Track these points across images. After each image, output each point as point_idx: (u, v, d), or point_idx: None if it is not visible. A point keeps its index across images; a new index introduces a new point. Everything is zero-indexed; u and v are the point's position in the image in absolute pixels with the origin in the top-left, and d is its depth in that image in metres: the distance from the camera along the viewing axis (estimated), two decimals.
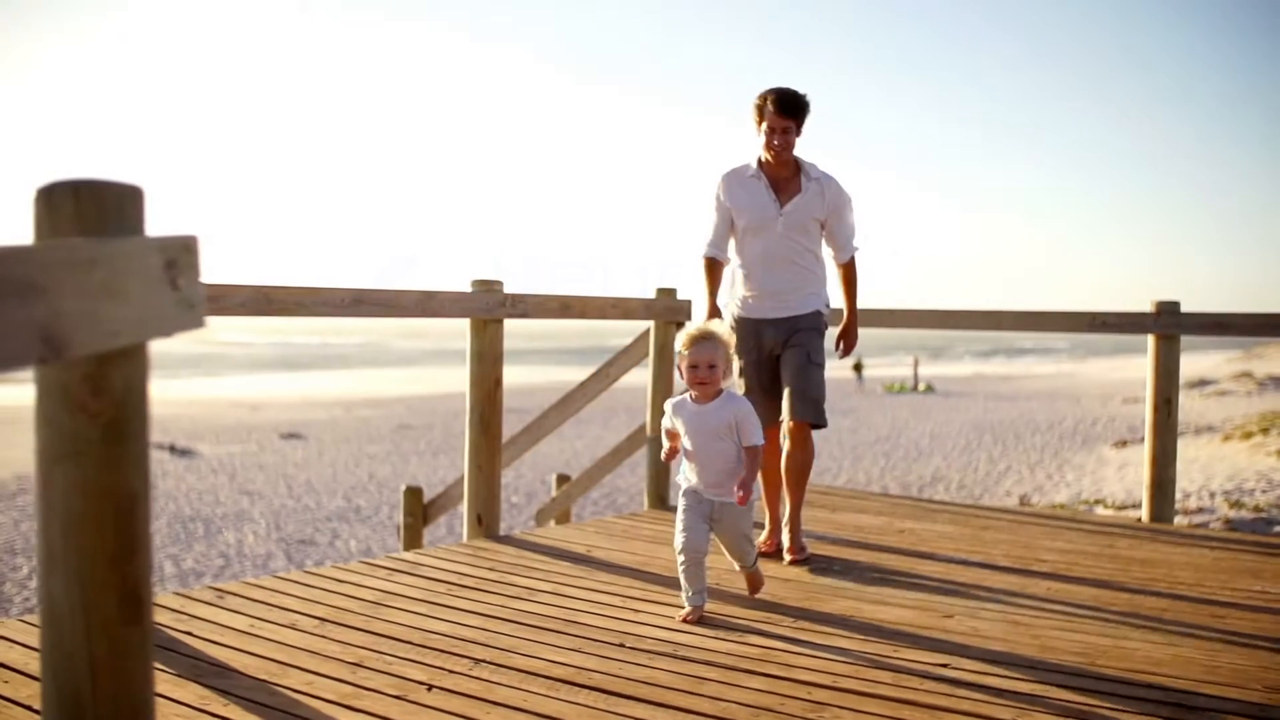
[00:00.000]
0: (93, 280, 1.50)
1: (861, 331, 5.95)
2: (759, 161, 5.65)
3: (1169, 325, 6.98)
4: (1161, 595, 4.95)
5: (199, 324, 1.78)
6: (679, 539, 4.55)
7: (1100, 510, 13.09)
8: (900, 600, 4.81)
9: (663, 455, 4.74)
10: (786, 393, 5.56)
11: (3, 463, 19.38)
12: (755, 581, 4.84)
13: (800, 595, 4.90)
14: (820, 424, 5.57)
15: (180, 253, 1.72)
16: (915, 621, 4.45)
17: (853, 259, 5.82)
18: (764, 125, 5.52)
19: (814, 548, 5.86)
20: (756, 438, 4.55)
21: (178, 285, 1.71)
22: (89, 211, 1.60)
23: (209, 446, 22.62)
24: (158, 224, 1.74)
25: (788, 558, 5.55)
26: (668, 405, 4.71)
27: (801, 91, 5.53)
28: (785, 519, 5.67)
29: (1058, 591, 4.99)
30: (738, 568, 4.83)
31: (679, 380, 4.82)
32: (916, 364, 45.56)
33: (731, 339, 4.66)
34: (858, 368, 43.96)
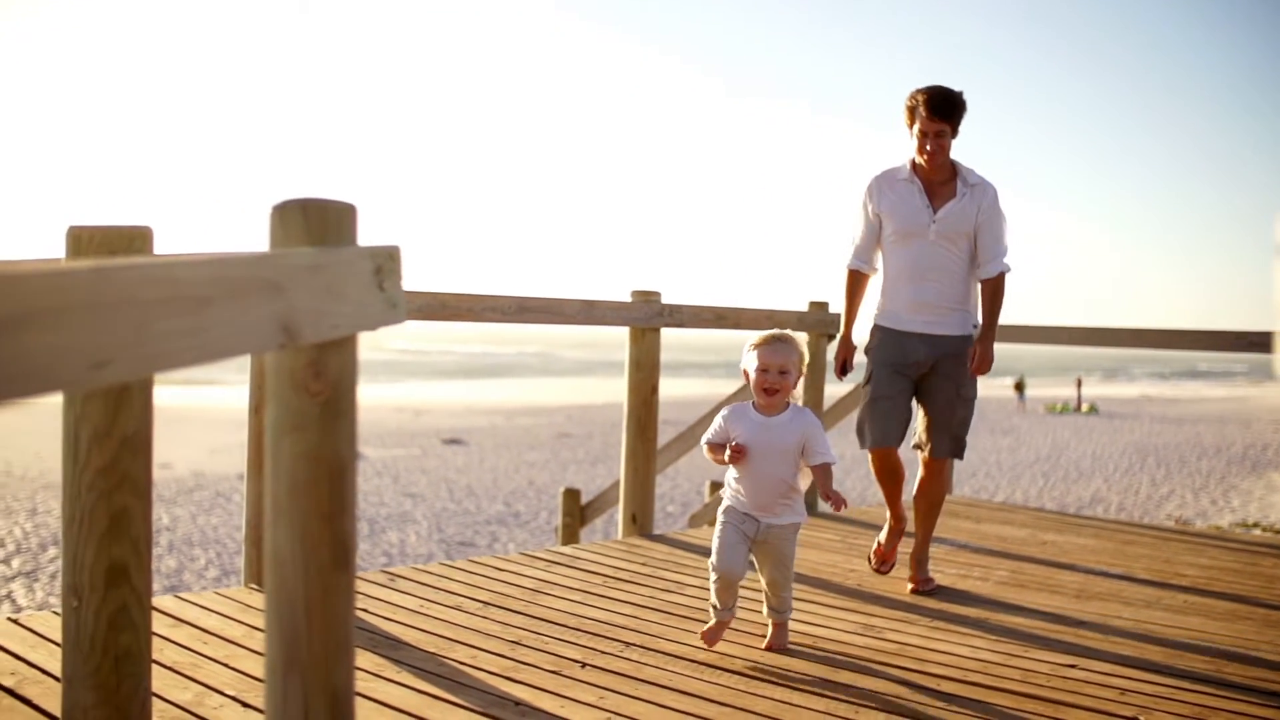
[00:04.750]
0: (319, 282, 1.83)
1: (1022, 350, 5.84)
2: (912, 164, 5.20)
3: None
4: None
5: (400, 320, 2.11)
6: (715, 557, 4.13)
7: (1256, 533, 12.83)
8: (1035, 605, 4.96)
9: (725, 456, 4.11)
10: (926, 424, 5.26)
11: (180, 460, 20.43)
12: (779, 637, 4.21)
13: (937, 599, 5.07)
14: (957, 457, 5.38)
15: (386, 260, 2.05)
16: (1048, 626, 4.60)
17: (1001, 276, 5.20)
18: (915, 128, 5.09)
19: (956, 555, 6.03)
20: (828, 454, 4.09)
21: (384, 287, 2.04)
22: (315, 225, 1.94)
23: (374, 450, 23.45)
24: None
25: (910, 586, 5.24)
26: (725, 412, 4.20)
27: (957, 90, 5.09)
28: (912, 551, 5.37)
29: (1194, 604, 5.07)
30: (766, 612, 4.24)
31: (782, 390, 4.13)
32: (1080, 384, 44.67)
33: (805, 348, 4.28)
34: (1019, 387, 43.15)
